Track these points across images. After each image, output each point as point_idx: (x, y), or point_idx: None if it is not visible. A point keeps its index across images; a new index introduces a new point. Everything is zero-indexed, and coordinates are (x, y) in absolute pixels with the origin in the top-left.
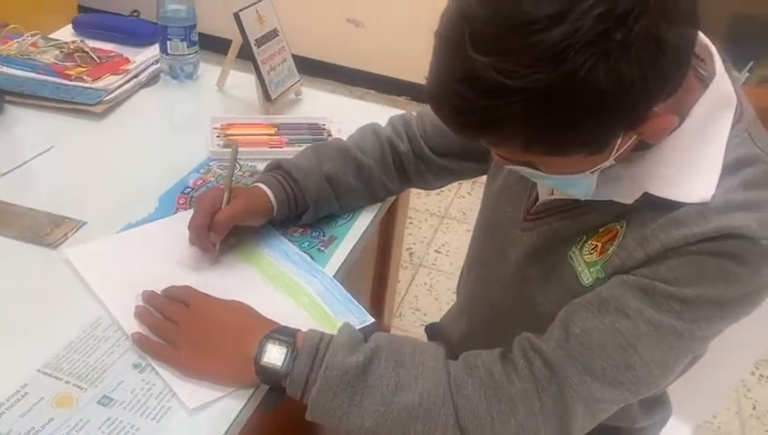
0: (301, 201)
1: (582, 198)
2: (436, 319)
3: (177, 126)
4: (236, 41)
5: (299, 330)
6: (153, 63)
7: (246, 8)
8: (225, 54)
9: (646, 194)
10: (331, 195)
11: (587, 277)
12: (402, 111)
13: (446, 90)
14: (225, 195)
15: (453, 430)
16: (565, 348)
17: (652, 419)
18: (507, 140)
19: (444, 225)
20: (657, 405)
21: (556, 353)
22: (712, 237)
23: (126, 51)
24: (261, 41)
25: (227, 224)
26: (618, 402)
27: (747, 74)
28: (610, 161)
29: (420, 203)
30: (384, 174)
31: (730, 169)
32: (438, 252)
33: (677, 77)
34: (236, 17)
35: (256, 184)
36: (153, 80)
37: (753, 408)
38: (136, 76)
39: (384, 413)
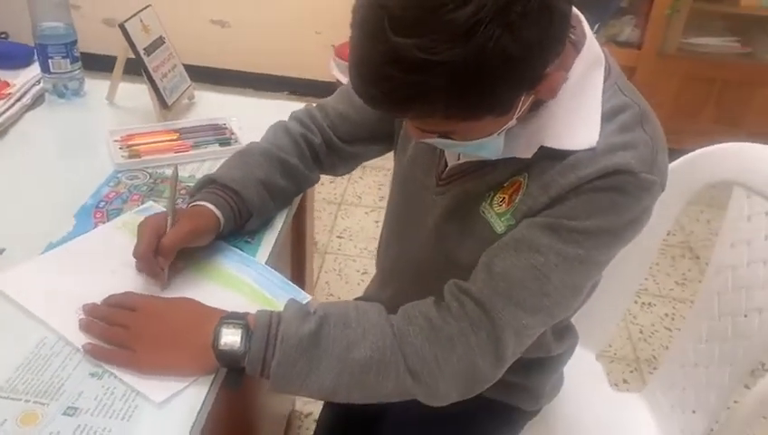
0: (244, 212)
1: (493, 159)
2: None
3: (74, 143)
4: (123, 52)
5: (248, 312)
6: (35, 84)
7: (130, 18)
8: (105, 70)
9: (542, 147)
10: (269, 199)
11: (499, 226)
12: (293, 106)
13: (373, 73)
14: (169, 219)
15: (404, 375)
16: (490, 286)
17: (563, 346)
18: (431, 113)
19: (342, 211)
20: (566, 333)
21: (483, 292)
22: (601, 176)
23: (1, 75)
24: (149, 49)
25: (174, 247)
26: (540, 327)
27: (594, 35)
28: (513, 122)
29: (315, 193)
30: (306, 168)
31: (606, 117)
32: (341, 237)
33: (564, 39)
34: (122, 28)
35: (198, 203)
36: (38, 101)
37: (641, 332)
38: (19, 99)
39: (341, 371)
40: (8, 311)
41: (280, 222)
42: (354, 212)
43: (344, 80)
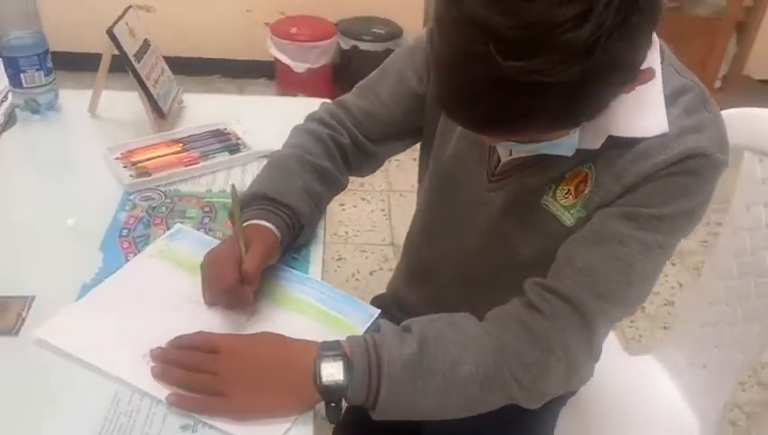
0: (297, 225)
1: (569, 155)
2: None
3: (69, 165)
4: (105, 59)
5: (339, 340)
6: (2, 101)
7: (117, 23)
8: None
9: (609, 137)
10: (315, 208)
11: (568, 219)
12: (288, 103)
13: (477, 97)
14: (241, 243)
15: (510, 384)
16: (576, 281)
17: None
18: (531, 129)
19: None
20: None
21: (571, 288)
22: (677, 161)
23: None
24: (138, 55)
25: (258, 271)
26: (625, 314)
27: None
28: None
29: None
30: (338, 171)
31: (669, 100)
32: None
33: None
34: (111, 35)
35: (253, 222)
36: (10, 120)
37: None
38: None
39: (447, 389)
40: (65, 366)
41: (320, 232)
42: None
43: (283, 58)
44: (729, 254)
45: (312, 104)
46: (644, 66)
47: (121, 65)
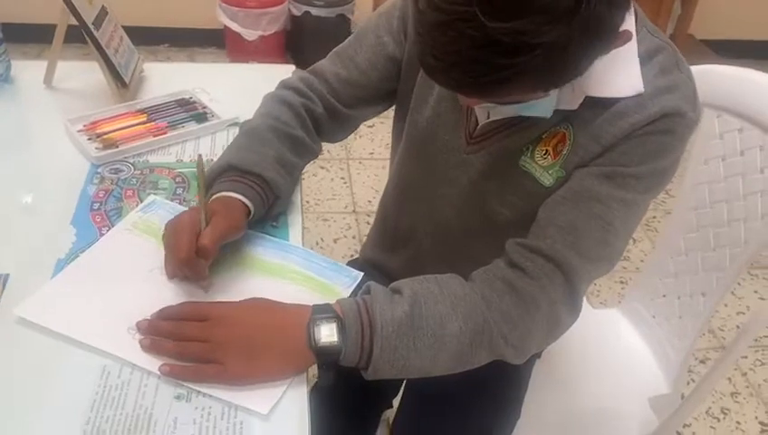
0: (270, 196)
1: (547, 116)
2: None
3: (29, 139)
4: (61, 25)
5: (329, 303)
6: None
7: None
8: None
9: (586, 97)
10: (288, 178)
11: (547, 179)
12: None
13: (463, 58)
14: (202, 215)
15: (497, 340)
16: (558, 241)
17: None
18: (517, 90)
19: None
20: None
21: (553, 248)
22: (653, 120)
23: None
24: (97, 23)
25: (216, 246)
26: (603, 272)
27: None
28: None
29: None
30: (311, 140)
31: (643, 60)
32: None
33: None
34: (67, 2)
35: (223, 194)
36: None
37: None
38: None
39: (438, 348)
40: (48, 343)
41: (296, 199)
42: None
43: (233, 26)
44: (688, 207)
45: (276, 71)
46: (621, 28)
47: (74, 35)
